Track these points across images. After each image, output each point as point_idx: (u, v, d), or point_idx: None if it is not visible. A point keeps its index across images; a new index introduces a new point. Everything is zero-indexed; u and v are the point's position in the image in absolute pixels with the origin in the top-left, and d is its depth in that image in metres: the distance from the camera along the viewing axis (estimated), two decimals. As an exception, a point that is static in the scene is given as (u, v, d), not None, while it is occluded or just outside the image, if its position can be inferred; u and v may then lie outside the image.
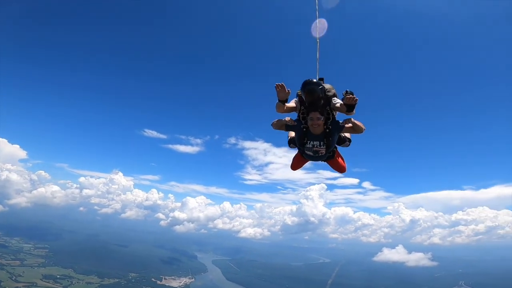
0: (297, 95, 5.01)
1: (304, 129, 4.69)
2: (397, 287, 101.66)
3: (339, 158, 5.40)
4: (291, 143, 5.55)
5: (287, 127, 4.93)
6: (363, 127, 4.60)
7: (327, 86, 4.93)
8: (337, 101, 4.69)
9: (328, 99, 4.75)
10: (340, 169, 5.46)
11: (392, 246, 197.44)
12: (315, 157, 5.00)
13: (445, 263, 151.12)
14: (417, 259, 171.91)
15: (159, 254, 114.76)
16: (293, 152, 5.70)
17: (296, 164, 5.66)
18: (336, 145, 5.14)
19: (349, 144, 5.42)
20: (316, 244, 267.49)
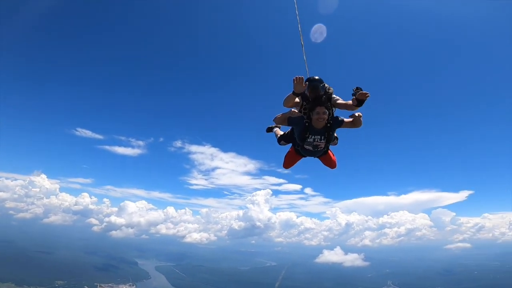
0: None
1: (307, 124, 4.82)
2: (337, 287, 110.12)
3: (331, 152, 5.56)
4: (283, 139, 5.72)
5: (290, 121, 5.11)
6: (361, 124, 4.89)
7: (326, 84, 5.25)
8: (338, 98, 5.15)
9: (329, 96, 5.10)
10: (332, 164, 5.61)
11: (331, 248, 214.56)
12: (313, 152, 5.12)
13: (375, 264, 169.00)
14: (352, 259, 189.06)
15: (92, 260, 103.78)
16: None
17: (288, 162, 5.70)
18: None
19: (337, 142, 5.74)
20: (263, 248, 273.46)
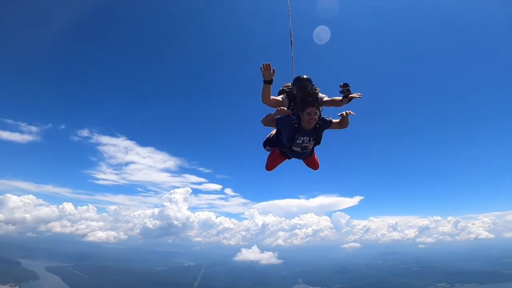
0: (284, 91, 5.18)
1: (296, 125, 4.72)
2: (255, 286, 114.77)
3: (315, 155, 5.54)
4: (268, 145, 5.63)
5: (278, 122, 4.87)
6: (348, 124, 4.86)
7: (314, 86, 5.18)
8: (324, 96, 5.03)
9: (316, 96, 5.00)
10: (315, 165, 5.59)
11: (249, 247, 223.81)
12: (301, 154, 5.06)
13: (287, 262, 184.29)
14: (268, 257, 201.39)
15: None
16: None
17: (272, 163, 5.61)
18: None
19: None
20: (180, 248, 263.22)
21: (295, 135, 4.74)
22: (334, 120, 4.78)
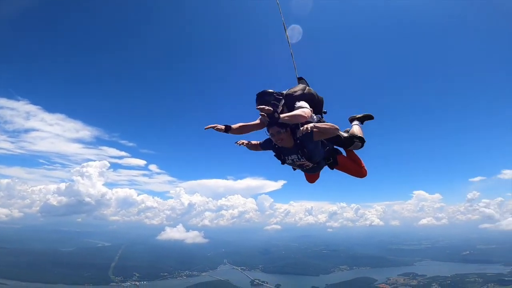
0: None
1: (276, 146, 4.20)
2: (179, 266, 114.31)
3: (350, 161, 4.83)
4: None
5: (262, 146, 4.54)
6: (332, 128, 3.84)
7: (297, 88, 4.48)
8: (299, 105, 4.13)
9: (292, 105, 4.18)
10: (357, 173, 4.87)
11: (174, 226, 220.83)
12: (309, 170, 4.47)
13: (213, 243, 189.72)
14: (193, 236, 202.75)
15: None
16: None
17: (307, 177, 5.15)
18: (339, 148, 4.81)
19: (362, 145, 4.73)
20: (93, 228, 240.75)
21: (280, 156, 4.25)
22: (314, 130, 3.65)
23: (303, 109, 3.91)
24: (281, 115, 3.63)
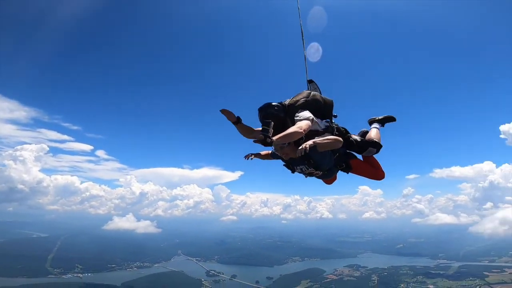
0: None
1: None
2: (129, 257, 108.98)
3: (365, 165, 4.70)
4: None
5: (273, 157, 4.54)
6: (332, 142, 3.72)
7: (300, 96, 4.33)
8: (300, 116, 3.94)
9: (294, 115, 4.01)
10: (373, 176, 4.78)
11: (123, 216, 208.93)
12: (321, 177, 4.44)
13: (167, 234, 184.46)
14: (145, 226, 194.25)
15: None
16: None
17: (326, 181, 5.02)
18: (354, 153, 4.67)
19: (377, 151, 4.58)
20: (27, 218, 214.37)
21: (289, 166, 4.25)
22: (317, 141, 3.55)
23: (300, 123, 3.73)
24: (274, 138, 3.40)
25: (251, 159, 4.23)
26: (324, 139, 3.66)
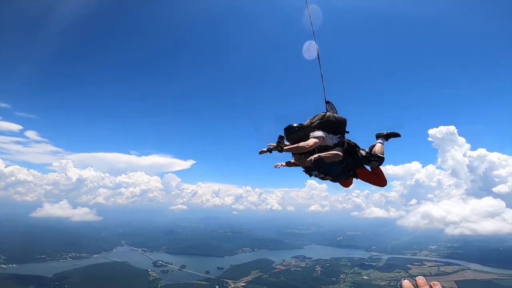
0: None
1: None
2: (62, 248, 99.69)
3: (370, 174, 5.56)
4: None
5: (294, 164, 5.59)
6: (333, 156, 4.89)
7: (316, 118, 5.39)
8: (312, 135, 5.09)
9: (309, 135, 5.16)
10: (376, 183, 5.61)
11: (56, 203, 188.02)
12: (332, 180, 5.37)
13: (109, 224, 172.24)
14: (82, 214, 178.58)
15: None
16: None
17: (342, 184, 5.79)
18: (359, 163, 5.47)
19: (379, 163, 5.46)
20: None
21: (307, 172, 5.38)
22: (322, 155, 4.86)
23: (309, 140, 4.98)
24: (285, 148, 4.94)
25: (278, 168, 5.42)
26: (326, 153, 4.93)
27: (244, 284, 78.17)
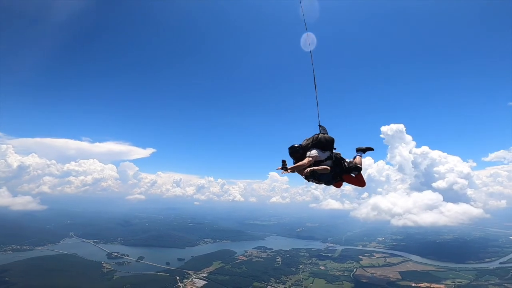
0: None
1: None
2: (0, 240, 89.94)
3: (353, 178, 7.41)
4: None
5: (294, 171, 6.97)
6: (323, 170, 6.54)
7: (310, 140, 7.21)
8: (308, 153, 6.84)
9: (305, 154, 6.97)
10: (357, 185, 7.56)
11: None
12: (325, 184, 7.21)
13: (55, 214, 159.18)
14: (24, 202, 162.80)
15: None
16: None
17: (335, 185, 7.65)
18: (344, 171, 7.32)
19: (358, 173, 7.37)
20: None
21: (305, 178, 6.72)
22: (315, 169, 6.48)
23: (305, 160, 6.61)
24: (288, 168, 6.48)
25: (282, 173, 6.59)
26: (318, 167, 6.52)
27: (206, 274, 79.52)
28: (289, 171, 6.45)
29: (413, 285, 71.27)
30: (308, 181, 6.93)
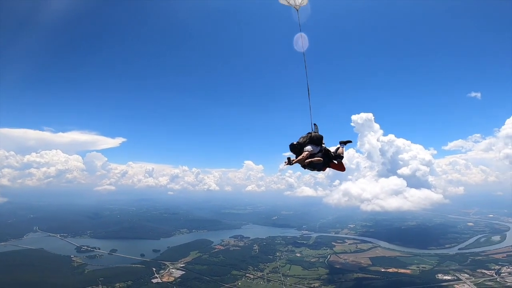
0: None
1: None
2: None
3: (336, 165, 9.11)
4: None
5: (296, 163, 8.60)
6: (316, 161, 8.28)
7: (305, 137, 8.88)
8: (305, 149, 8.52)
9: (302, 149, 8.66)
10: (339, 170, 9.32)
11: None
12: (318, 170, 8.91)
13: (16, 207, 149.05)
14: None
15: None
16: None
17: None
18: (331, 160, 9.05)
19: (340, 160, 9.20)
20: None
21: (302, 167, 8.37)
22: (311, 160, 8.20)
23: (304, 153, 8.27)
24: (293, 160, 8.11)
25: (285, 165, 8.32)
26: (313, 159, 8.22)
27: (184, 265, 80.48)
28: (293, 163, 8.07)
29: (382, 270, 77.60)
30: (305, 168, 8.54)
